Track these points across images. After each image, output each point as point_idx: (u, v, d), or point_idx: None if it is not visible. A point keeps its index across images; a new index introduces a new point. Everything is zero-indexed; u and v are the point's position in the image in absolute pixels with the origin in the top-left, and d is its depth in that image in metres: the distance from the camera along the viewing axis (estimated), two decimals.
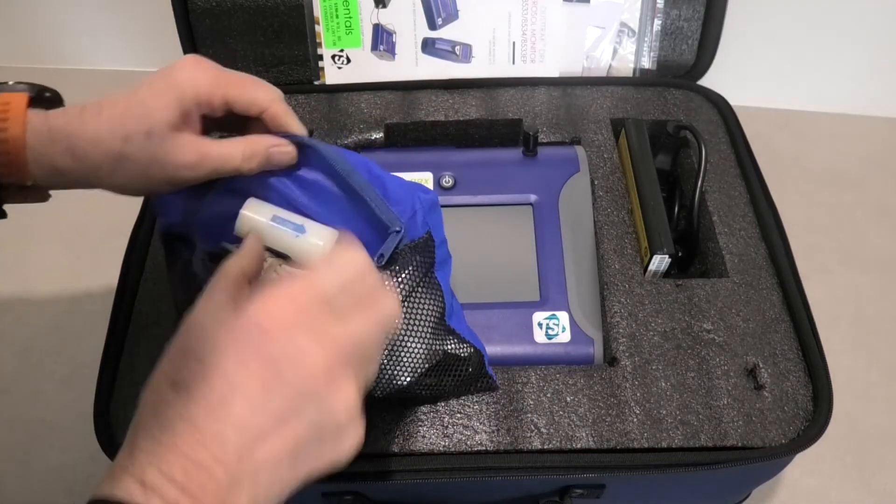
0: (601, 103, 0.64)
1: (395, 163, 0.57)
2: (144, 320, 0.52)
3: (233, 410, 0.30)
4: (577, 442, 0.46)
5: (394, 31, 0.67)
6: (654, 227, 0.54)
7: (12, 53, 0.96)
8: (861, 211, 0.80)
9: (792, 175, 0.83)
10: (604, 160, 0.60)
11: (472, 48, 0.68)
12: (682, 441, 0.46)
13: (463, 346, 0.46)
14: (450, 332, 0.45)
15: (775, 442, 0.46)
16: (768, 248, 0.55)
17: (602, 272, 0.54)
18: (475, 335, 0.48)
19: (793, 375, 0.49)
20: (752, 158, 0.61)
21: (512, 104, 0.64)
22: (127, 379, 0.50)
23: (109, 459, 0.46)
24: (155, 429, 0.29)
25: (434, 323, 0.44)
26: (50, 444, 0.65)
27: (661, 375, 0.49)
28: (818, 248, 0.76)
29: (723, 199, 0.58)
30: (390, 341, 0.43)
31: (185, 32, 0.67)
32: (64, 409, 0.66)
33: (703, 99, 0.66)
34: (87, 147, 0.39)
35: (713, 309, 0.52)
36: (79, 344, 0.71)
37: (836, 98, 0.88)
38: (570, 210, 0.55)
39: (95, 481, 0.28)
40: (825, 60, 0.84)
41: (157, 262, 0.55)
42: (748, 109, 0.71)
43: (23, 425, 0.66)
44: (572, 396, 0.48)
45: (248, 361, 0.31)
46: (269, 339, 0.31)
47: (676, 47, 0.69)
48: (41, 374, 0.69)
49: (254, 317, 0.32)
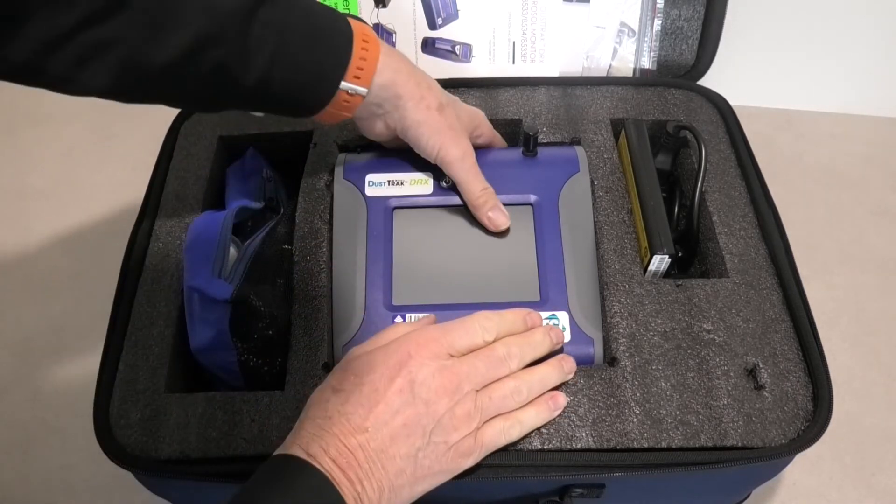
0: (601, 103, 0.64)
1: (395, 163, 0.57)
2: (144, 320, 0.52)
3: (375, 411, 0.40)
4: (577, 442, 0.46)
5: (394, 30, 0.67)
6: (654, 228, 0.54)
7: None
8: (861, 211, 0.80)
9: (792, 175, 0.83)
10: (604, 160, 0.60)
11: (472, 48, 0.68)
12: (682, 441, 0.46)
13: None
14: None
15: (775, 442, 0.46)
16: (768, 248, 0.55)
17: (602, 272, 0.54)
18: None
19: (793, 375, 0.49)
20: (752, 158, 0.61)
21: (512, 104, 0.64)
22: (127, 380, 0.50)
23: (109, 459, 0.46)
24: (319, 418, 0.40)
25: None
26: (50, 444, 0.65)
27: (661, 375, 0.49)
28: (818, 248, 0.76)
29: (723, 199, 0.58)
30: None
31: None
32: (64, 409, 0.66)
33: (703, 99, 0.66)
34: (421, 82, 0.51)
35: (713, 309, 0.52)
36: (79, 344, 0.71)
37: (836, 98, 0.88)
38: (570, 210, 0.55)
39: (95, 481, 0.29)
40: (825, 60, 0.84)
41: (157, 261, 0.55)
42: (748, 109, 0.71)
43: (23, 425, 0.66)
44: (572, 396, 0.48)
45: (395, 378, 0.41)
46: (413, 365, 0.42)
47: (676, 47, 0.69)
48: (41, 374, 0.69)
49: (407, 346, 0.43)
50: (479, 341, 0.45)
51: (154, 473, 0.46)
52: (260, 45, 0.44)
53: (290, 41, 0.45)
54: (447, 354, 0.43)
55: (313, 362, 0.49)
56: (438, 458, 0.41)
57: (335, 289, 0.52)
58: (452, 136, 0.52)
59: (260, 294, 0.50)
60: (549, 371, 0.46)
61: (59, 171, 0.85)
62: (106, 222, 0.78)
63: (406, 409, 0.41)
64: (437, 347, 0.43)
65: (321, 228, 0.55)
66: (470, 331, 0.45)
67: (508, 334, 0.46)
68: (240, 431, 0.47)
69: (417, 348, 0.43)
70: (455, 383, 0.42)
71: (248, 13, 0.43)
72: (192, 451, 0.46)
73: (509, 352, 0.45)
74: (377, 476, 0.39)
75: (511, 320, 0.47)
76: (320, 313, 0.51)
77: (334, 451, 0.39)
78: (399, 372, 0.41)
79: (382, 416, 0.40)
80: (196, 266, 0.50)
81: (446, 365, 0.43)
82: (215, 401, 0.48)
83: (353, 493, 0.38)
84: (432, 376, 0.42)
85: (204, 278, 0.49)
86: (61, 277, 0.76)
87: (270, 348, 0.51)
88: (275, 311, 0.51)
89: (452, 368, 0.43)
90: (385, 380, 0.41)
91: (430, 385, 0.41)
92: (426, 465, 0.41)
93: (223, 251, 0.52)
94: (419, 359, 0.42)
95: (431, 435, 0.41)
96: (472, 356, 0.44)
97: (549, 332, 0.48)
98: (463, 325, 0.45)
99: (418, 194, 0.55)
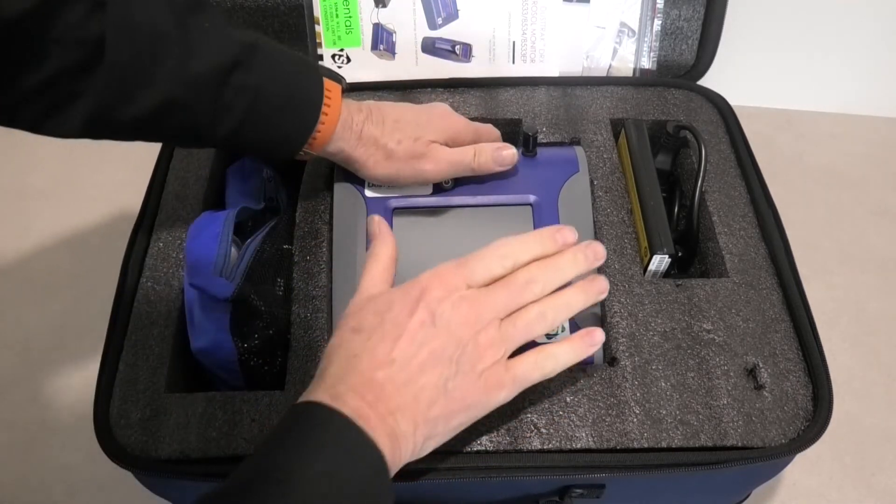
0: (601, 103, 0.64)
1: None
2: (144, 320, 0.52)
3: (400, 344, 0.40)
4: (577, 442, 0.46)
5: (394, 30, 0.67)
6: (654, 227, 0.54)
7: None
8: (861, 211, 0.80)
9: (792, 175, 0.83)
10: (604, 160, 0.60)
11: (472, 48, 0.68)
12: (682, 441, 0.46)
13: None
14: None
15: (775, 442, 0.46)
16: (768, 248, 0.55)
17: (602, 272, 0.54)
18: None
19: (793, 375, 0.49)
20: (752, 158, 0.61)
21: (512, 104, 0.64)
22: (127, 380, 0.49)
23: (109, 459, 0.46)
24: (342, 359, 0.40)
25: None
26: (50, 444, 0.65)
27: (661, 375, 0.49)
28: (818, 248, 0.76)
29: (723, 199, 0.58)
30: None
31: None
32: (64, 409, 0.66)
33: (703, 99, 0.66)
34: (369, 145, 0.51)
35: (713, 309, 0.52)
36: (79, 344, 0.71)
37: (836, 98, 0.88)
38: (569, 210, 0.55)
39: (95, 481, 0.29)
40: (825, 60, 0.84)
41: (157, 262, 0.55)
42: (748, 109, 0.71)
43: (23, 425, 0.66)
44: (572, 396, 0.48)
45: (414, 311, 0.41)
46: (431, 298, 0.41)
47: (676, 47, 0.69)
48: (41, 374, 0.69)
49: (423, 281, 0.42)
50: (498, 270, 0.43)
51: (154, 473, 0.46)
52: (230, 109, 0.45)
53: (261, 108, 0.46)
54: (465, 285, 0.42)
55: (313, 362, 0.49)
56: (469, 387, 0.41)
57: (335, 289, 0.52)
58: (414, 166, 0.52)
59: (260, 293, 0.50)
60: (575, 294, 0.44)
61: (59, 171, 0.85)
62: (106, 222, 0.78)
63: (431, 340, 0.40)
64: (455, 279, 0.42)
65: (321, 228, 0.55)
66: (487, 260, 0.43)
67: (533, 258, 0.44)
68: (240, 431, 0.47)
69: (434, 282, 0.42)
70: (476, 312, 0.42)
71: (222, 78, 0.44)
72: (192, 451, 0.46)
73: (531, 277, 0.43)
74: (410, 409, 0.39)
75: (534, 243, 0.45)
76: (320, 313, 0.51)
77: (363, 387, 0.38)
78: (418, 305, 0.41)
79: (408, 348, 0.40)
80: (197, 265, 0.50)
81: (465, 296, 0.42)
82: (215, 401, 0.48)
83: (386, 427, 0.37)
84: (452, 307, 0.41)
85: (205, 276, 0.49)
86: (61, 277, 0.76)
87: (271, 348, 0.51)
88: (275, 310, 0.51)
89: (471, 298, 0.42)
90: (405, 314, 0.41)
91: (450, 316, 0.41)
92: (457, 396, 0.40)
93: (225, 250, 0.52)
94: (437, 292, 0.42)
95: (458, 363, 0.40)
96: (492, 286, 0.43)
97: (580, 252, 0.45)
98: (480, 255, 0.44)
99: (418, 195, 0.55)
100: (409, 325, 0.40)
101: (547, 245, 0.45)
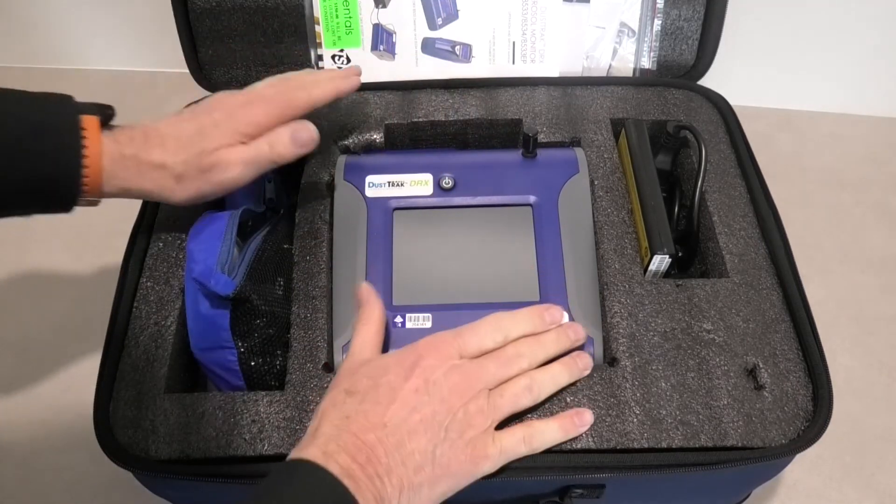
0: (601, 103, 0.64)
1: (395, 164, 0.57)
2: (144, 320, 0.52)
3: (393, 408, 0.41)
4: (577, 442, 0.46)
5: (394, 30, 0.67)
6: (654, 227, 0.54)
7: (12, 53, 0.96)
8: (861, 211, 0.80)
9: (792, 175, 0.83)
10: (604, 160, 0.60)
11: (472, 48, 0.68)
12: (682, 441, 0.46)
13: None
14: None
15: (775, 442, 0.46)
16: (768, 248, 0.55)
17: (602, 272, 0.54)
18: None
19: (793, 375, 0.49)
20: (752, 158, 0.61)
21: (512, 104, 0.64)
22: (127, 380, 0.49)
23: (109, 459, 0.46)
24: (335, 419, 0.41)
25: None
26: (50, 444, 0.65)
27: (661, 375, 0.49)
28: (818, 248, 0.76)
29: (723, 199, 0.58)
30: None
31: (185, 33, 0.67)
32: (64, 409, 0.66)
33: (703, 99, 0.66)
34: (152, 172, 0.48)
35: (713, 309, 0.52)
36: (79, 344, 0.71)
37: (836, 98, 0.88)
38: (569, 211, 0.55)
39: (95, 481, 0.29)
40: (825, 60, 0.84)
41: (157, 262, 0.55)
42: (748, 109, 0.71)
43: (23, 425, 0.66)
44: (572, 397, 0.48)
45: (409, 377, 0.42)
46: (426, 365, 0.43)
47: (676, 47, 0.69)
48: (41, 374, 0.69)
49: (420, 349, 0.44)
50: (489, 344, 0.46)
51: (154, 473, 0.46)
52: None
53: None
54: (458, 355, 0.44)
55: (313, 362, 0.49)
56: (456, 454, 0.42)
57: (335, 289, 0.53)
58: (210, 180, 0.49)
59: (261, 293, 0.50)
60: (561, 369, 0.47)
61: None
62: (106, 222, 0.78)
63: (423, 407, 0.42)
64: (449, 349, 0.44)
65: (321, 228, 0.55)
66: (480, 333, 0.46)
67: (523, 335, 0.47)
68: (240, 431, 0.47)
69: (430, 350, 0.44)
70: (467, 382, 0.43)
71: None
72: (192, 451, 0.46)
73: (519, 352, 0.46)
74: (397, 472, 0.40)
75: (524, 320, 0.47)
76: (320, 313, 0.51)
77: (354, 448, 0.39)
78: (413, 372, 0.43)
79: (400, 413, 0.41)
80: (199, 261, 0.50)
81: (458, 365, 0.44)
82: (215, 401, 0.48)
83: (373, 489, 0.38)
84: (445, 376, 0.43)
85: (207, 272, 0.49)
86: (61, 277, 0.76)
87: (271, 348, 0.51)
88: (275, 310, 0.51)
89: (464, 368, 0.44)
90: (400, 379, 0.42)
91: (443, 384, 0.43)
92: (444, 463, 0.41)
93: (229, 245, 0.52)
94: (432, 360, 0.43)
95: (447, 430, 0.42)
96: (483, 357, 0.45)
97: (565, 330, 0.48)
98: (474, 328, 0.46)
99: (418, 195, 0.55)
100: (403, 390, 0.42)
101: (536, 323, 0.48)
